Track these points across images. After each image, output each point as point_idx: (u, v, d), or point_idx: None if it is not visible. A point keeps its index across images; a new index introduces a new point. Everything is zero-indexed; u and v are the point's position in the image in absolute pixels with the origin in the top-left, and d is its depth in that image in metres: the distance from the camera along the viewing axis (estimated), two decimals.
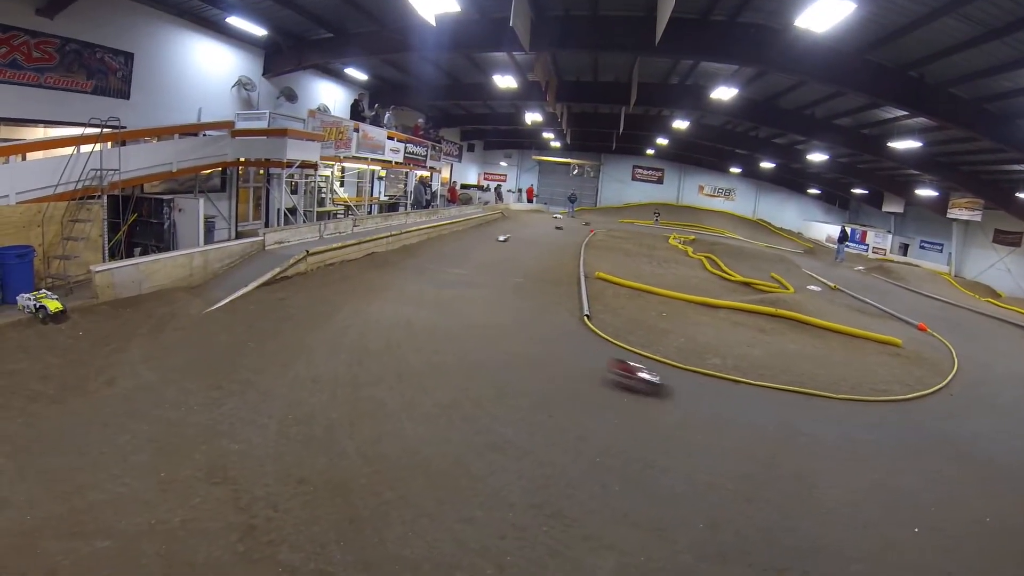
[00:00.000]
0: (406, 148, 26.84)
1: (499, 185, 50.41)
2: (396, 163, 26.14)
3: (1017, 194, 28.33)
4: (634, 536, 5.82)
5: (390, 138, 24.88)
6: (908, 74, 17.95)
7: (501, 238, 25.51)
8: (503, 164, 53.09)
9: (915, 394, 11.62)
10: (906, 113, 22.00)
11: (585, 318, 13.50)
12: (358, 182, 26.88)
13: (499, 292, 15.27)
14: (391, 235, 19.34)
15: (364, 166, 24.59)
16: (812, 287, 23.27)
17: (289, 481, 5.96)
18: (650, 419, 8.77)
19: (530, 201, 50.73)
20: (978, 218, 33.72)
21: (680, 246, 29.61)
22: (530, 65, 22.14)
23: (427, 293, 14.26)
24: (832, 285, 24.38)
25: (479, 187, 47.33)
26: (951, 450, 9.37)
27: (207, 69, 19.97)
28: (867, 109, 24.14)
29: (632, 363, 9.87)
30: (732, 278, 21.71)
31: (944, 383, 12.64)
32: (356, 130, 21.60)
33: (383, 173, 28.92)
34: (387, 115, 26.47)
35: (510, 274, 17.64)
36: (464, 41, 19.00)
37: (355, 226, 19.16)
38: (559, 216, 43.05)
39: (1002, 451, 9.61)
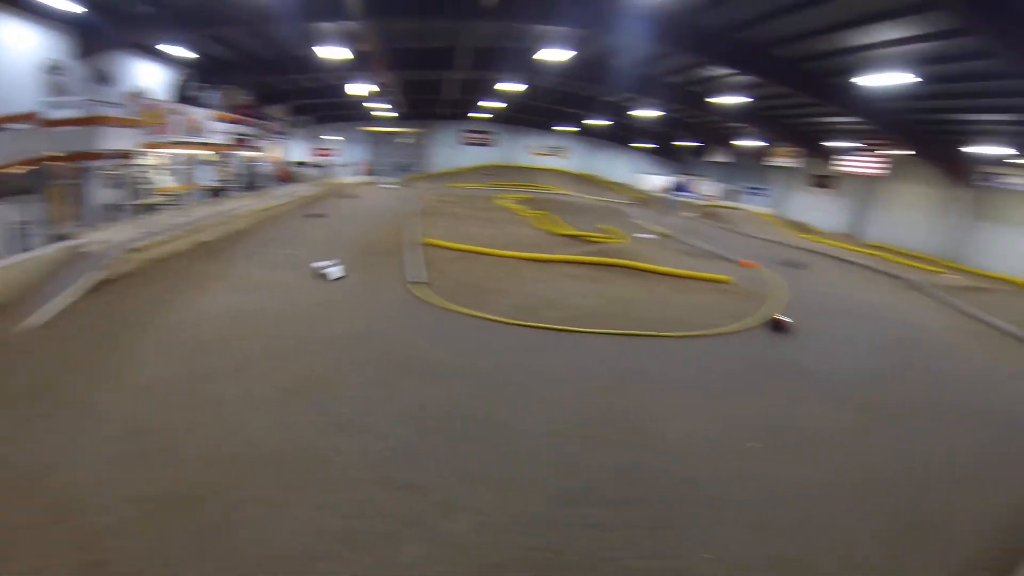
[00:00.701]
0: (234, 129, 25.46)
1: (331, 160, 48.95)
2: (224, 145, 24.73)
3: (829, 143, 31.83)
4: (486, 494, 6.03)
5: (216, 119, 23.52)
6: (733, 35, 19.27)
7: (318, 212, 25.08)
8: (332, 138, 51.61)
9: (744, 325, 12.81)
10: (730, 71, 23.58)
11: (417, 285, 13.59)
12: (186, 168, 25.08)
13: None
14: (221, 222, 18.33)
15: (189, 150, 22.91)
16: (643, 235, 24.61)
17: (133, 503, 5.51)
18: (489, 378, 9.02)
19: (366, 174, 49.80)
20: (796, 165, 37.53)
21: (512, 206, 30.26)
22: (360, 35, 21.63)
23: (260, 278, 13.79)
24: (663, 232, 25.83)
25: (311, 164, 45.86)
26: (784, 373, 10.46)
27: (5, 53, 17.55)
28: (694, 67, 25.66)
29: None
30: (565, 232, 22.49)
31: (771, 313, 13.93)
32: (179, 113, 20.20)
33: (211, 157, 27.22)
34: (212, 94, 24.96)
35: (341, 249, 17.35)
36: (294, 11, 18.29)
37: (183, 216, 17.95)
38: (390, 187, 42.67)
39: (826, 369, 10.87)
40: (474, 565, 5.09)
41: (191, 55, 25.35)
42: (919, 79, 17.59)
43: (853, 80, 19.40)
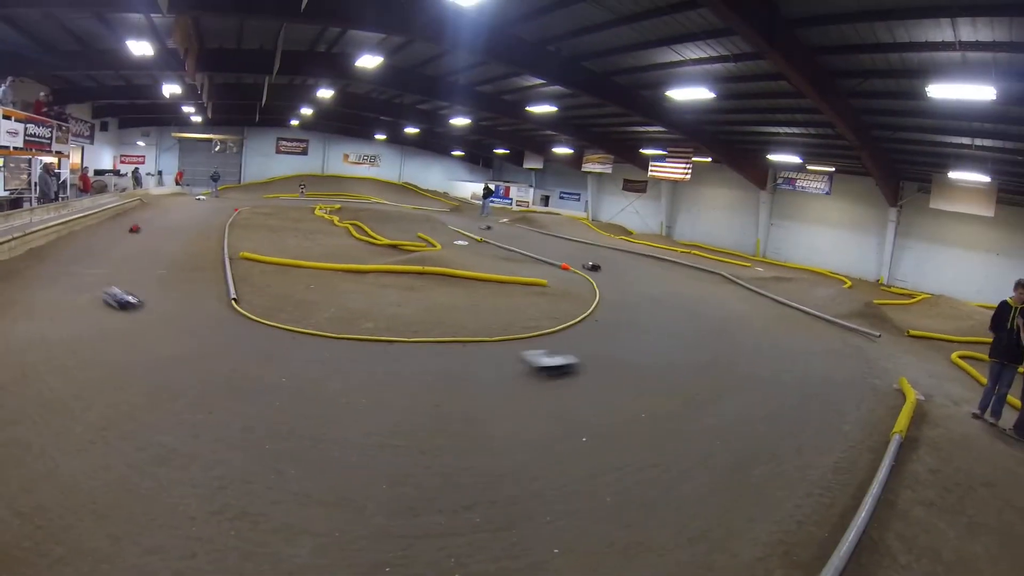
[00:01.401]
0: (26, 129, 22.63)
1: (137, 168, 45.34)
2: (15, 148, 21.87)
3: (640, 150, 33.37)
4: (322, 514, 5.81)
5: (6, 117, 20.84)
6: (547, 48, 19.93)
7: (127, 226, 22.99)
8: (141, 144, 47.59)
9: (562, 325, 13.25)
10: (543, 81, 24.38)
11: (232, 302, 12.96)
12: None
13: (142, 287, 13.69)
14: (14, 238, 16.26)
15: None
16: (459, 242, 24.97)
17: None
18: (311, 394, 8.76)
19: (178, 184, 46.78)
20: (609, 170, 39.98)
21: (327, 216, 29.87)
22: (169, 30, 20.11)
23: (63, 302, 12.36)
24: (478, 238, 26.39)
25: (115, 172, 42.16)
26: (603, 367, 10.92)
27: None
28: (508, 77, 26.41)
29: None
30: (379, 242, 22.43)
31: (589, 312, 14.54)
32: None
33: (0, 162, 24.22)
34: (3, 88, 22.14)
35: (152, 266, 16.20)
36: None
37: None
38: (202, 198, 40.30)
39: (646, 360, 11.54)
40: None
41: None
42: (718, 94, 19.26)
43: (660, 93, 20.82)
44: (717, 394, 10.16)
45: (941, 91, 14.33)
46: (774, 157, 27.44)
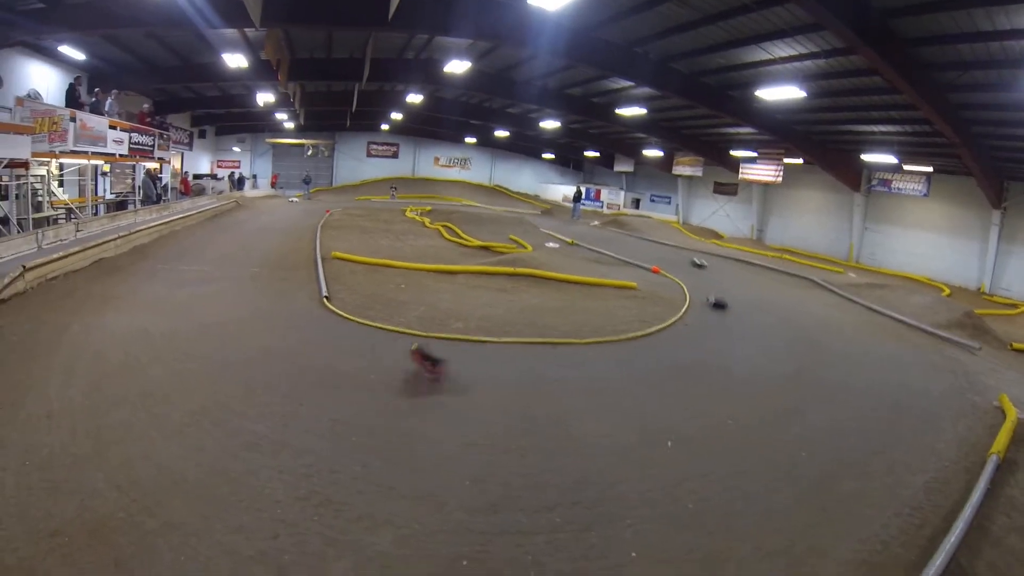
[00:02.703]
0: (131, 138, 23.94)
1: (233, 172, 47.34)
2: (121, 156, 23.24)
3: (730, 152, 32.88)
4: (405, 507, 5.97)
5: (112, 127, 22.06)
6: (634, 50, 19.84)
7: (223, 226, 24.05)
8: (236, 149, 49.94)
9: (653, 329, 13.14)
10: (632, 84, 24.22)
11: (324, 300, 13.32)
12: (80, 180, 23.21)
13: (237, 285, 14.53)
14: (120, 237, 17.32)
15: (85, 161, 21.39)
16: (550, 244, 24.86)
17: (41, 537, 5.13)
18: (399, 391, 8.96)
19: (273, 187, 48.60)
20: (699, 173, 39.08)
21: (417, 218, 30.09)
22: (261, 43, 21.09)
23: (163, 296, 13.14)
24: (570, 240, 26.26)
25: (212, 176, 44.24)
26: (692, 372, 10.81)
27: None
28: (596, 80, 26.30)
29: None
30: (470, 243, 22.45)
31: (679, 316, 14.35)
32: (73, 119, 18.86)
33: (107, 168, 25.49)
34: (109, 101, 23.42)
35: (247, 264, 16.87)
36: (194, 15, 17.45)
37: (79, 231, 16.96)
38: (295, 200, 41.74)
39: (734, 366, 11.35)
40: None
41: (85, 58, 24.00)
42: (809, 93, 18.66)
43: (750, 93, 20.34)
44: (806, 403, 9.81)
45: None
46: (868, 157, 26.17)
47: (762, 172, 32.13)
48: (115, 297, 12.79)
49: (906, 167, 26.10)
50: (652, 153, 40.97)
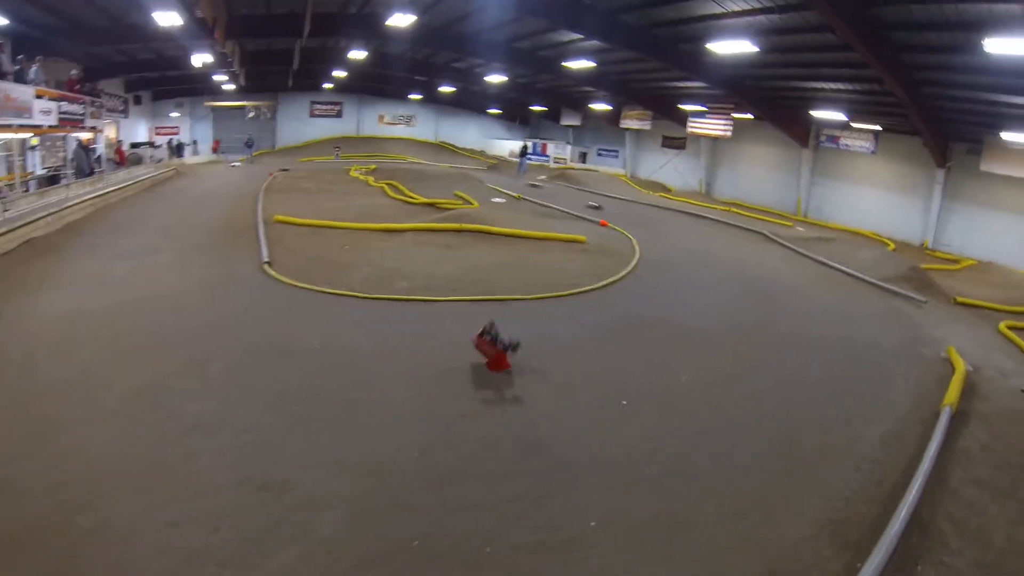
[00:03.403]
0: (60, 107, 22.35)
1: (172, 139, 44.86)
2: (50, 127, 21.70)
3: (680, 106, 32.63)
4: (353, 482, 5.71)
5: (39, 97, 20.58)
6: (583, 1, 19.30)
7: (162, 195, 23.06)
8: (175, 115, 47.28)
9: (604, 282, 12.97)
10: (581, 36, 23.72)
11: (265, 266, 12.78)
12: (7, 155, 21.58)
13: (176, 255, 13.83)
14: (50, 214, 16.31)
15: (10, 135, 19.85)
16: (496, 199, 24.43)
17: None
18: (343, 356, 8.62)
19: (215, 152, 46.66)
20: (648, 127, 38.82)
21: (361, 177, 29.41)
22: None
23: (99, 272, 12.41)
24: (516, 195, 25.84)
25: (151, 144, 42.24)
26: (644, 327, 10.69)
27: None
28: (544, 32, 25.61)
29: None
30: (415, 201, 21.98)
31: (629, 269, 14.20)
32: None
33: (36, 141, 23.50)
34: (34, 68, 21.84)
35: (187, 234, 16.15)
36: None
37: (6, 211, 15.83)
38: (236, 164, 40.25)
39: (687, 320, 11.27)
40: (351, 560, 4.77)
41: (5, 22, 21.63)
42: (762, 48, 18.46)
43: (701, 46, 20.07)
44: (762, 358, 9.80)
45: (999, 46, 13.46)
46: (817, 113, 26.25)
47: (711, 126, 32.02)
48: (49, 277, 11.98)
49: (854, 124, 26.33)
50: (600, 107, 40.68)
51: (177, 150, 42.13)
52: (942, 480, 6.39)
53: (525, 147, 41.31)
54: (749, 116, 30.62)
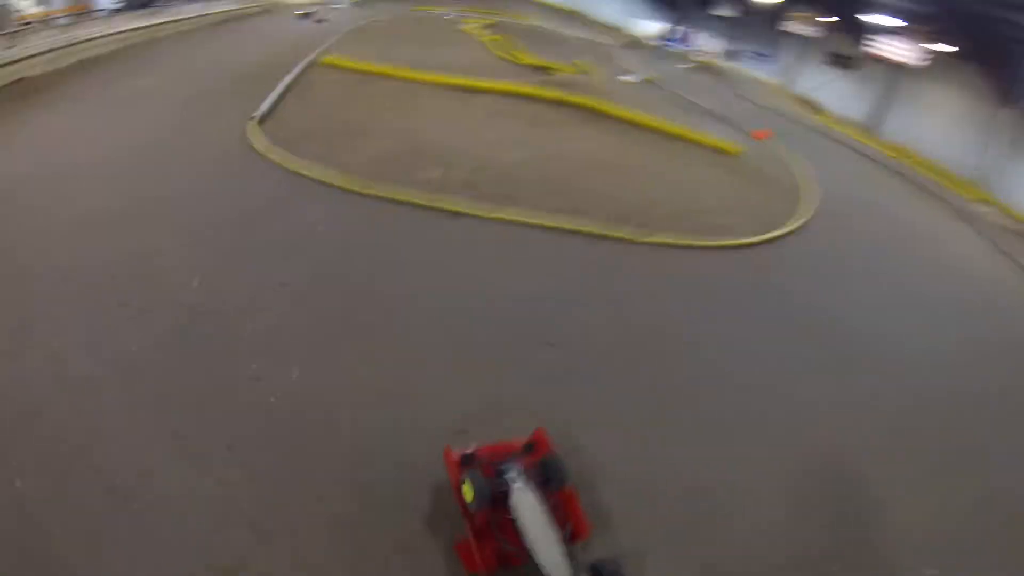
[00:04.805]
0: None
1: None
2: None
3: (860, 16, 28.06)
4: None
5: None
6: None
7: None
8: None
9: (760, 237, 9.09)
10: None
11: (251, 123, 10.03)
12: None
13: (171, 105, 11.29)
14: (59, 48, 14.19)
15: None
16: (626, 76, 20.92)
17: None
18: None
19: None
20: (815, 34, 33.78)
21: (476, 31, 26.13)
22: None
23: (68, 126, 10.21)
24: (649, 78, 22.10)
25: None
26: (815, 338, 7.15)
27: None
28: None
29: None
30: (521, 61, 18.39)
31: (801, 221, 10.25)
32: None
33: None
34: None
35: (209, 78, 13.51)
36: None
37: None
38: (342, 5, 35.36)
39: (888, 335, 7.57)
40: None
41: None
42: None
43: None
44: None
45: None
46: None
47: (898, 50, 27.07)
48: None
49: None
50: (763, 0, 35.82)
51: None
52: None
53: (670, 29, 37.93)
54: (945, 49, 25.49)
